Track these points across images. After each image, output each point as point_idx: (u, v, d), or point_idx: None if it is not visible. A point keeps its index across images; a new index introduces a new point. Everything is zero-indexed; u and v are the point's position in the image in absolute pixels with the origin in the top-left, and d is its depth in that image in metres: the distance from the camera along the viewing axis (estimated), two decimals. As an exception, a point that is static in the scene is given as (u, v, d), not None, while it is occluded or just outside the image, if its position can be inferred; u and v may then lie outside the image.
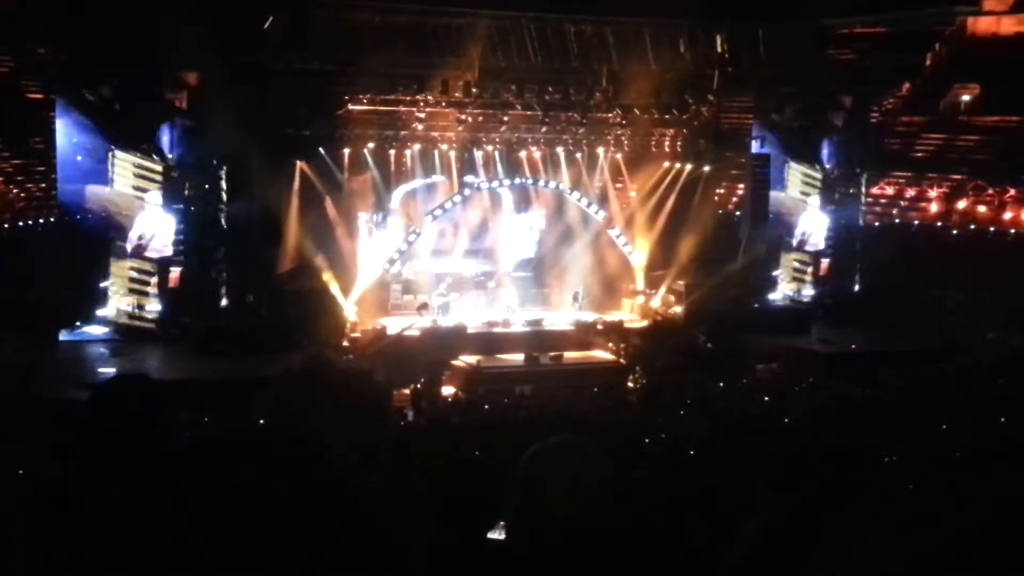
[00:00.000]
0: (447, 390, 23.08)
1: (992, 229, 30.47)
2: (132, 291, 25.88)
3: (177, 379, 19.38)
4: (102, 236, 25.70)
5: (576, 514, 2.23)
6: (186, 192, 26.33)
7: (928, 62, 37.55)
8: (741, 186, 32.72)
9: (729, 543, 1.70)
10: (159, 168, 26.07)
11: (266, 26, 29.03)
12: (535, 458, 2.40)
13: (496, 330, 26.56)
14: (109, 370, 19.77)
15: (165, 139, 26.21)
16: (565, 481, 2.31)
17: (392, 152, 28.49)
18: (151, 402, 2.60)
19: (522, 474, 2.40)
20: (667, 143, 30.72)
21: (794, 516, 1.61)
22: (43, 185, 27.22)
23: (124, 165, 25.90)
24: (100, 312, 25.55)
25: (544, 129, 29.40)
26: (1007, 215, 30.52)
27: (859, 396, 20.22)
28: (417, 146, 28.68)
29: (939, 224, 31.64)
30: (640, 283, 29.91)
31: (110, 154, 25.65)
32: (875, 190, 33.62)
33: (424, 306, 26.72)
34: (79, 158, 25.34)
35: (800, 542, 1.40)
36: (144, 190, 26.01)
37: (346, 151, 27.84)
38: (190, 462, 1.02)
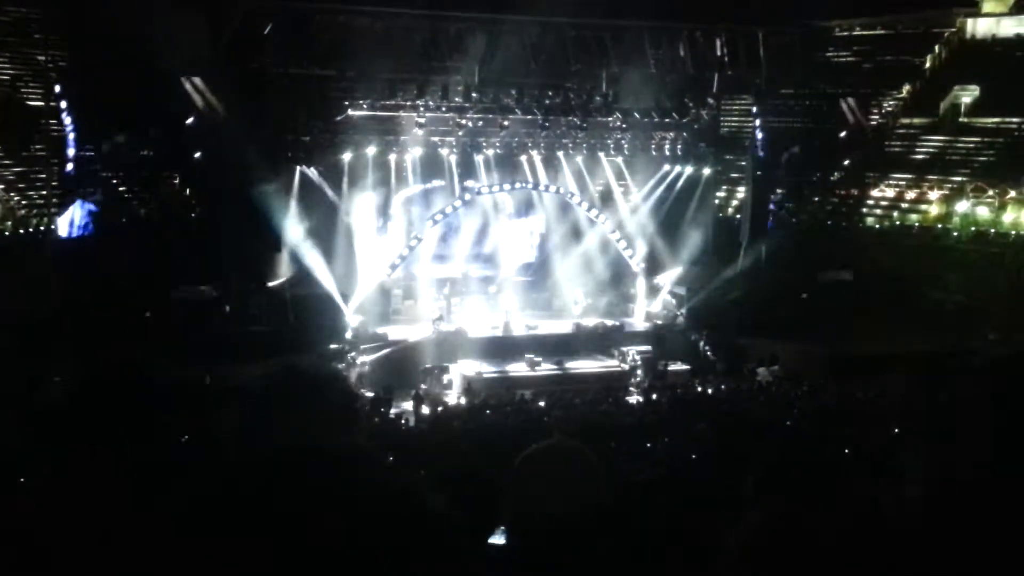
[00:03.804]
0: (448, 395, 23.07)
1: (993, 231, 30.47)
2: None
3: (172, 383, 19.29)
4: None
5: (568, 515, 2.23)
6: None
7: (928, 64, 37.57)
8: (741, 189, 32.74)
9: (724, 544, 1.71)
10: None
11: (266, 32, 29.09)
12: (528, 461, 2.41)
13: (497, 335, 26.54)
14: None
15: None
16: (556, 483, 2.31)
17: (392, 157, 28.49)
18: (146, 396, 2.45)
19: (515, 476, 2.40)
20: (667, 146, 30.69)
21: (784, 517, 1.62)
22: (44, 192, 27.26)
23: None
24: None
25: (544, 133, 29.39)
26: (1008, 217, 30.51)
27: (859, 398, 20.22)
28: (417, 151, 28.68)
29: (939, 226, 31.65)
30: (641, 287, 29.88)
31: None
32: (875, 192, 33.65)
33: (440, 319, 26.68)
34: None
35: (789, 542, 1.40)
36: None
37: (346, 156, 27.83)
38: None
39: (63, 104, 27.19)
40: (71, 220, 26.17)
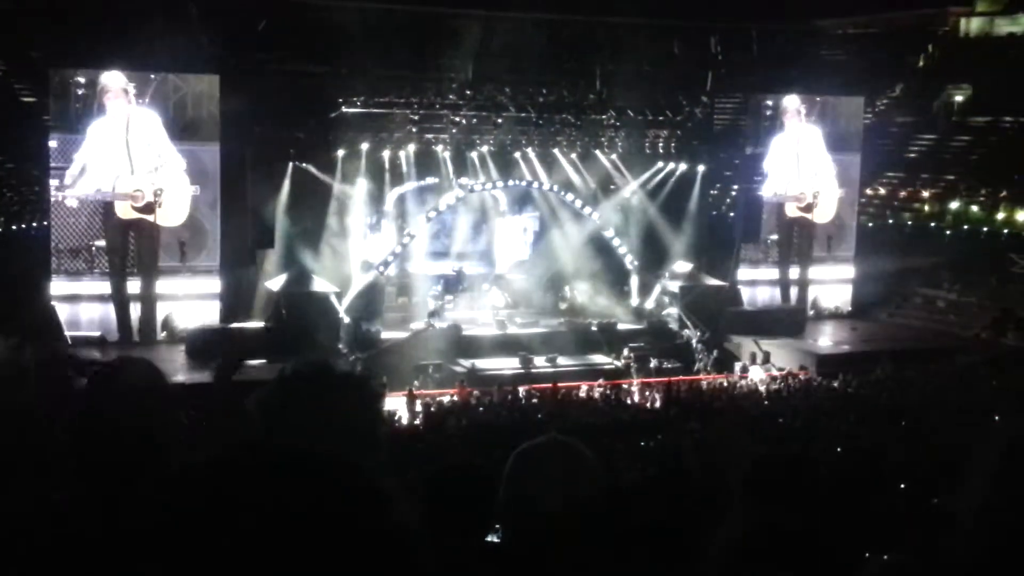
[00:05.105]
0: (442, 393, 23.04)
1: (985, 229, 30.53)
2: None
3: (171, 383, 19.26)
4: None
5: (562, 512, 2.24)
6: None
7: (921, 63, 37.64)
8: (735, 187, 32.76)
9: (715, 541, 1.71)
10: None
11: (259, 28, 29.00)
12: (522, 458, 2.41)
13: (491, 332, 26.53)
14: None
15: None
16: (550, 479, 2.32)
17: (386, 154, 28.44)
18: (159, 392, 2.45)
19: (509, 473, 2.41)
20: (661, 144, 30.70)
21: (767, 526, 1.63)
22: (37, 188, 27.19)
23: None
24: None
25: (538, 131, 29.39)
26: (1000, 215, 30.57)
27: (853, 395, 20.28)
28: (411, 148, 28.63)
29: (932, 224, 31.70)
30: (634, 284, 29.89)
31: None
32: (868, 191, 33.70)
33: (434, 314, 26.65)
34: None
35: (771, 551, 1.41)
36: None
37: (340, 153, 27.77)
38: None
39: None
40: None
